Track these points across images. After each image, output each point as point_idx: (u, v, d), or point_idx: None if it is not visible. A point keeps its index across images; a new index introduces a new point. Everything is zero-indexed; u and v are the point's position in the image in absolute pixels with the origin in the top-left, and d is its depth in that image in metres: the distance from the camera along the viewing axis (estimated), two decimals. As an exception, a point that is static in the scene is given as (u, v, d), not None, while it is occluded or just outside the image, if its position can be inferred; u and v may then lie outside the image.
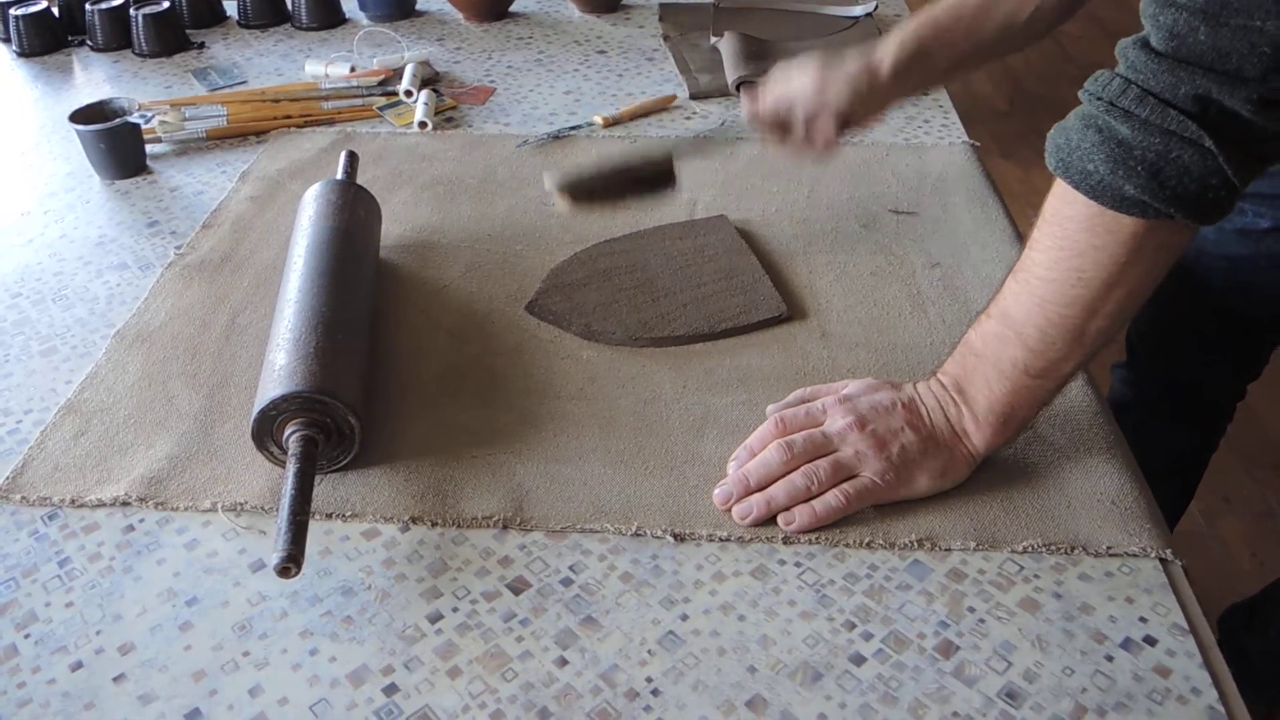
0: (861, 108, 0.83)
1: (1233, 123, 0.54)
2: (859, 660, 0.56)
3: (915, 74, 0.84)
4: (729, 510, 0.64)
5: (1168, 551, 0.61)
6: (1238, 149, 0.54)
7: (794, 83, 0.84)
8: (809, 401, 0.69)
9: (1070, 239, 0.60)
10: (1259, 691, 1.13)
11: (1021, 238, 0.91)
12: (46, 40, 1.40)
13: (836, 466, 0.64)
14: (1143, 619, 0.58)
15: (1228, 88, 0.53)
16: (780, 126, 0.86)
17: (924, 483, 0.64)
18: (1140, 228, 0.57)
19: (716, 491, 0.65)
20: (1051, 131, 0.61)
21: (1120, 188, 0.56)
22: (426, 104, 1.16)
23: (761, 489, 0.64)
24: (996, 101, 2.84)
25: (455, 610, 0.59)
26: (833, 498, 0.63)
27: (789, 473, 0.64)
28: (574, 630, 0.58)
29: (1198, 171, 0.55)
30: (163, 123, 1.12)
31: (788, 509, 0.64)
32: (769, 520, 0.64)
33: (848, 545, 0.62)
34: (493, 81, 1.27)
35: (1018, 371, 0.63)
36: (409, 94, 1.20)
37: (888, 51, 0.82)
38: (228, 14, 1.50)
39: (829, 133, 0.83)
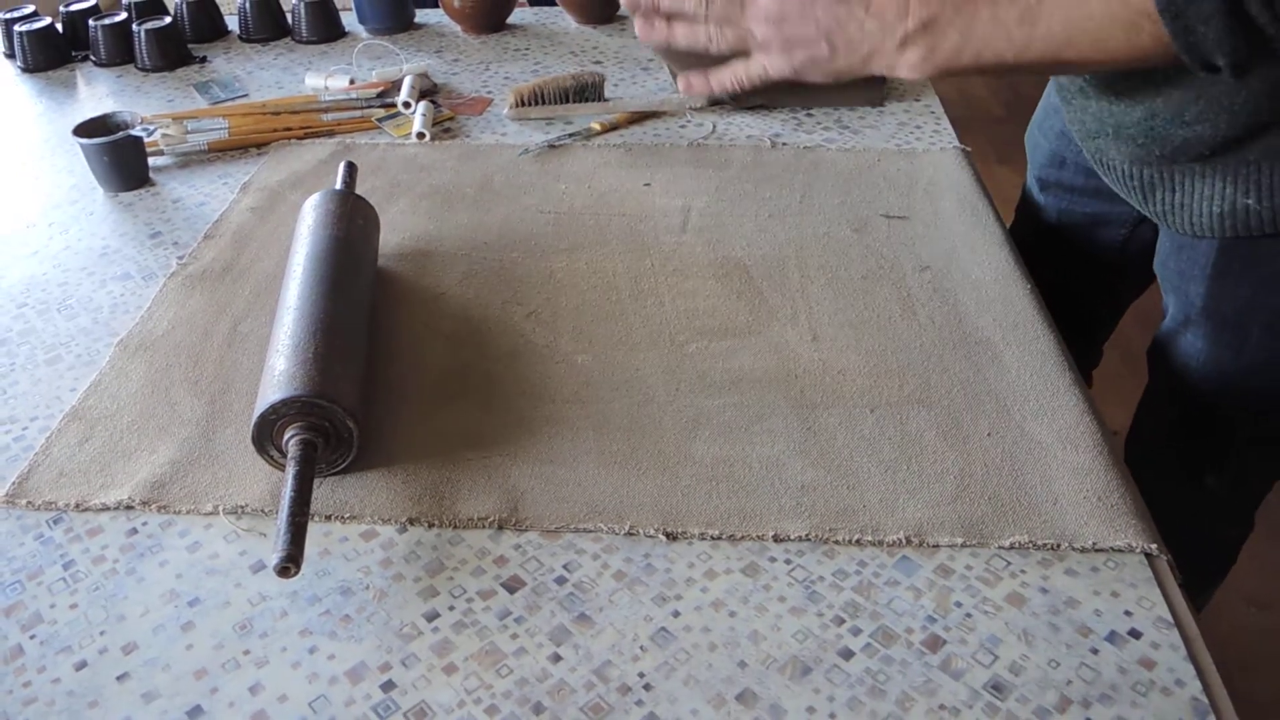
0: None
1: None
2: (847, 655, 0.57)
3: None
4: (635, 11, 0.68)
5: (1153, 546, 0.62)
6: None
7: None
8: None
9: (1112, 16, 0.58)
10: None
11: (1010, 241, 0.92)
12: (50, 56, 1.41)
13: (739, 40, 0.66)
14: (1128, 613, 0.59)
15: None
16: None
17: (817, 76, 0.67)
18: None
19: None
20: None
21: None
22: (424, 115, 1.18)
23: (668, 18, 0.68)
24: (993, 108, 2.86)
25: (451, 609, 0.60)
26: (728, 77, 0.67)
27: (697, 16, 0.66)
28: (568, 627, 0.59)
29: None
30: (165, 136, 1.14)
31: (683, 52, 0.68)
32: (758, 514, 0.65)
33: (837, 542, 0.63)
34: (490, 92, 1.28)
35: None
36: (407, 105, 1.21)
37: None
38: (229, 28, 1.52)
39: None
